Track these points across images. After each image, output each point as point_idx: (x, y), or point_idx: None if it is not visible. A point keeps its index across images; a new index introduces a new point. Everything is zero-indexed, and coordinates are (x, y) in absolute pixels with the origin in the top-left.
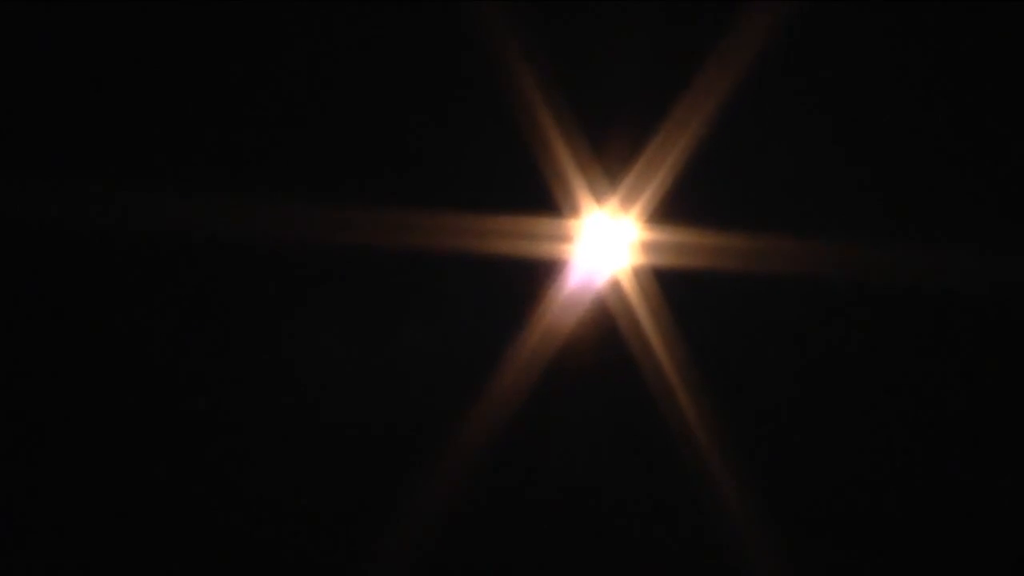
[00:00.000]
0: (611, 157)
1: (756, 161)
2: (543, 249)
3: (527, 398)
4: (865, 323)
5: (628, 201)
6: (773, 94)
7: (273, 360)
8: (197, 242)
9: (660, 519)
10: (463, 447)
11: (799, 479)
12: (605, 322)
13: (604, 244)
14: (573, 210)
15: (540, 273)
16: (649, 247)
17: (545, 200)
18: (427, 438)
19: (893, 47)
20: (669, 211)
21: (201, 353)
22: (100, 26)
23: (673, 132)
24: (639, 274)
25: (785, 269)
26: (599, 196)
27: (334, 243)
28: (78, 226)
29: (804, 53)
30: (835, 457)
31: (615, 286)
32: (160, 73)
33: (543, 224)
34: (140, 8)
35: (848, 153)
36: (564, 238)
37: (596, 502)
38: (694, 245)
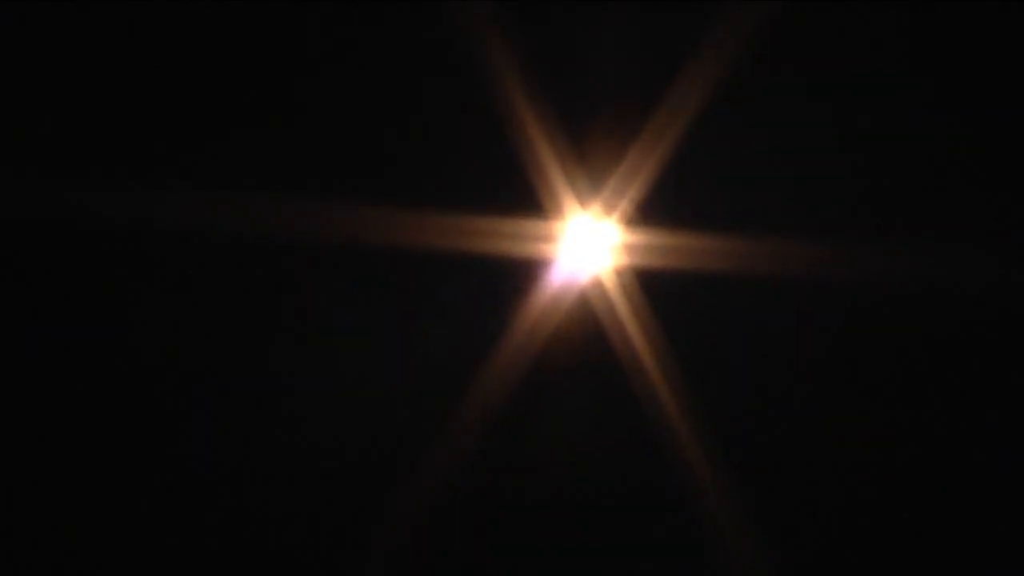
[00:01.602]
0: (594, 162)
1: (733, 166)
2: (529, 249)
3: (512, 392)
4: (844, 322)
5: (610, 204)
6: (750, 100)
7: (259, 356)
8: (189, 238)
9: (642, 514)
10: (448, 443)
11: (779, 475)
12: (588, 320)
13: (587, 245)
14: (558, 212)
15: (526, 272)
16: (630, 248)
17: (532, 203)
18: (412, 434)
19: (871, 49)
20: (650, 214)
21: (192, 350)
22: (98, 26)
23: (654, 138)
24: (621, 274)
25: (762, 269)
26: (583, 199)
27: (321, 241)
28: (78, 224)
29: (782, 58)
30: (816, 453)
31: (598, 285)
32: (156, 73)
33: (530, 226)
34: (137, 8)
35: (826, 156)
36: (549, 239)
37: (579, 497)
38: (674, 247)
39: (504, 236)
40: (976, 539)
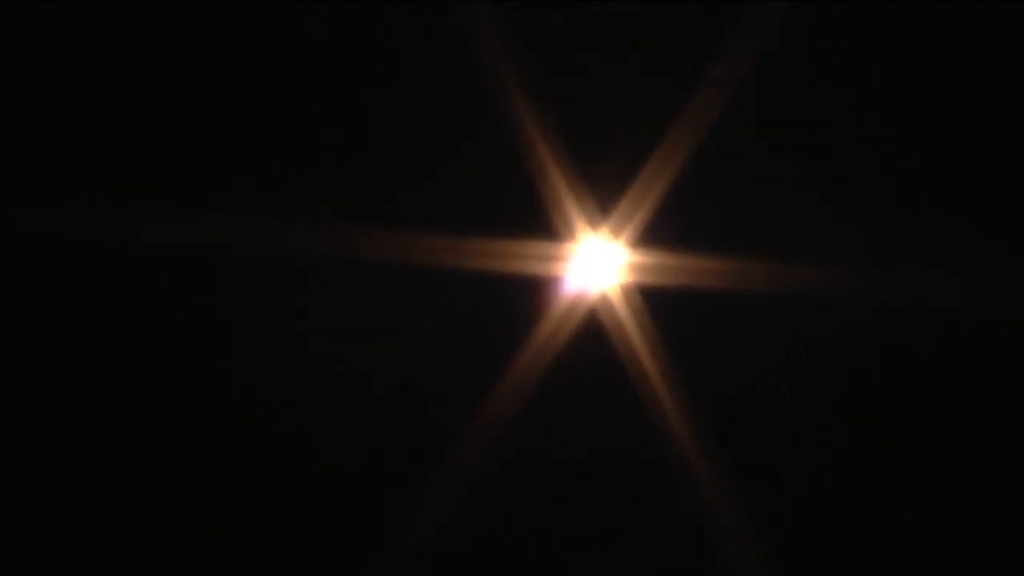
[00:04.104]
0: (603, 186)
1: (734, 189)
2: (541, 268)
3: (525, 404)
4: (844, 339)
5: (618, 226)
6: (754, 125)
7: (278, 371)
8: (203, 256)
9: (647, 526)
10: (462, 455)
11: (780, 484)
12: (596, 335)
13: (596, 264)
14: (568, 234)
15: (538, 290)
16: (636, 268)
17: (544, 225)
18: (427, 447)
19: (878, 75)
20: (655, 235)
21: (207, 368)
22: (102, 32)
23: (659, 163)
24: (627, 292)
25: (761, 288)
26: (592, 221)
27: (342, 260)
28: (90, 240)
29: (789, 83)
30: (817, 465)
31: (605, 303)
32: (167, 88)
33: (541, 246)
34: (145, 18)
35: (829, 179)
36: (560, 259)
37: (586, 505)
38: (677, 266)
39: (521, 256)
40: (972, 540)
